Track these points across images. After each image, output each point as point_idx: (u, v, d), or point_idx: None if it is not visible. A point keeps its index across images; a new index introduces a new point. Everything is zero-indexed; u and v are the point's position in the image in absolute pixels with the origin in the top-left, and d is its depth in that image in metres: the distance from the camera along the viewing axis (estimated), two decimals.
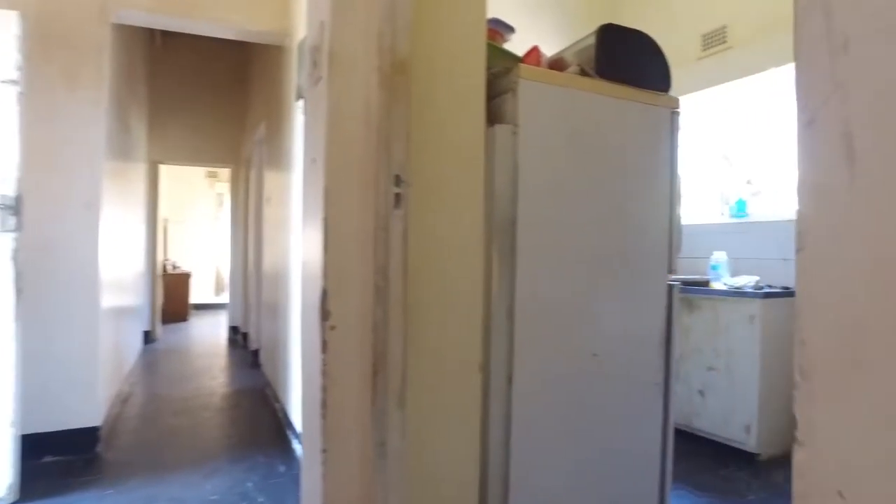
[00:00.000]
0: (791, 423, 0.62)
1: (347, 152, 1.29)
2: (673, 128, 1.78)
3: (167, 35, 6.21)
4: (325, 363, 1.27)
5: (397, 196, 1.27)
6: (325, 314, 1.27)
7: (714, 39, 3.82)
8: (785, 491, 2.78)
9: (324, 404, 1.27)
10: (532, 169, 1.56)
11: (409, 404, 1.34)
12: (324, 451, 1.27)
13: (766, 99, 3.63)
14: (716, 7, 3.83)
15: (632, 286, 1.72)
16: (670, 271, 1.76)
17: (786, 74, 3.39)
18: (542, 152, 1.58)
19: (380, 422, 1.28)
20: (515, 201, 1.53)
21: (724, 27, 3.76)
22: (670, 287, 1.77)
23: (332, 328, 1.27)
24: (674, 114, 1.78)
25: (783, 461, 3.03)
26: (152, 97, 6.41)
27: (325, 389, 1.27)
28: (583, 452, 1.65)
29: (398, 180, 1.27)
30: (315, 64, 1.39)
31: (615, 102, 1.69)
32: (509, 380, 1.53)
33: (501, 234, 1.53)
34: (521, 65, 1.57)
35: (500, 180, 1.53)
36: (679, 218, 1.81)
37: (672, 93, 1.79)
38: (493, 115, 1.59)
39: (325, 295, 1.27)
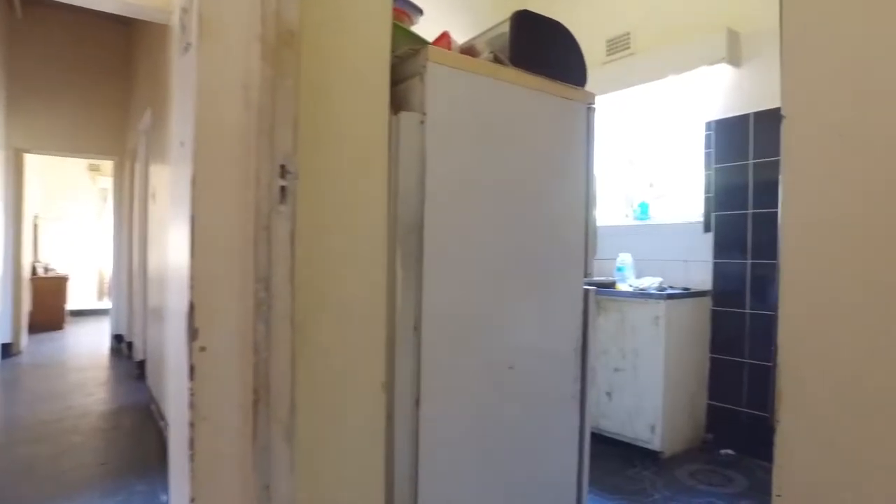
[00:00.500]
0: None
1: (222, 135, 1.07)
2: (589, 124, 1.70)
3: (29, 4, 5.48)
4: (192, 393, 1.04)
5: (283, 190, 1.06)
6: (192, 333, 1.04)
7: (618, 45, 3.88)
8: (686, 487, 2.84)
9: (191, 444, 1.04)
10: (441, 164, 1.40)
11: (300, 437, 1.14)
12: (192, 500, 1.04)
13: (667, 105, 3.72)
14: (620, 13, 3.89)
15: (547, 292, 1.61)
16: (587, 275, 1.67)
17: (685, 82, 3.49)
18: (453, 145, 1.43)
19: (263, 461, 1.06)
20: (422, 200, 1.37)
21: (627, 33, 3.83)
22: (586, 292, 1.68)
23: (202, 350, 1.05)
24: (590, 109, 1.70)
25: (684, 458, 3.10)
26: (12, 76, 5.63)
27: (192, 426, 1.04)
28: (498, 474, 1.52)
29: (284, 171, 1.07)
30: (184, 28, 1.15)
31: (531, 94, 1.57)
32: (417, 401, 1.36)
33: (407, 238, 1.36)
34: (431, 46, 1.41)
35: (406, 176, 1.36)
36: (595, 220, 1.73)
37: None
38: (398, 102, 1.42)
39: (192, 309, 1.04)
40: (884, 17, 1.00)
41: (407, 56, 1.45)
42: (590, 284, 3.46)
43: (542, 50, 1.61)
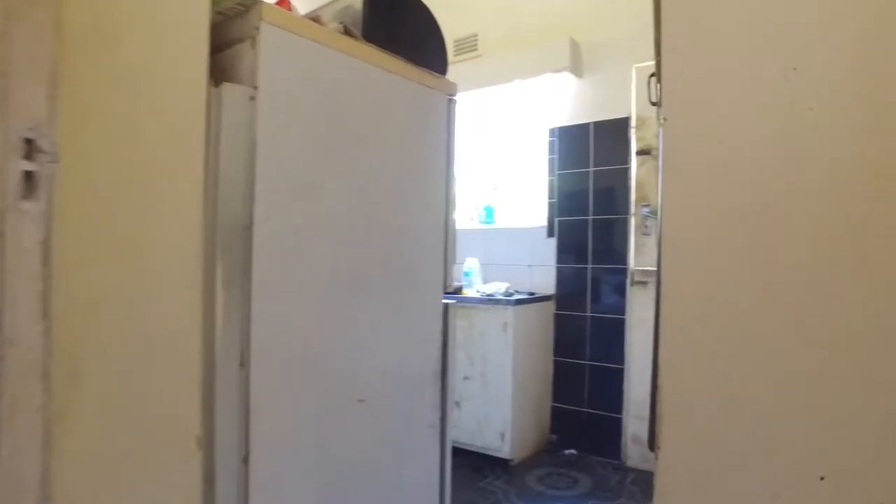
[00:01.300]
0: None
1: None
2: (450, 117, 1.52)
3: None
4: None
5: (29, 177, 0.70)
6: None
7: (466, 45, 3.82)
8: (536, 493, 2.82)
9: None
10: (276, 151, 1.11)
11: None
12: None
13: (514, 109, 3.74)
14: (469, 14, 3.83)
15: (403, 309, 1.39)
16: (446, 287, 1.48)
17: (531, 88, 3.52)
18: (292, 129, 1.15)
19: None
20: (251, 196, 1.07)
21: (475, 35, 3.78)
22: (446, 307, 1.49)
23: None
24: (451, 101, 1.52)
25: (532, 462, 3.10)
26: None
27: None
28: None
29: (31, 148, 0.70)
30: None
31: (386, 77, 1.34)
32: (245, 458, 1.05)
33: (230, 245, 1.05)
34: (266, 3, 1.11)
35: (230, 165, 1.05)
36: (454, 223, 1.55)
37: None
38: (221, 72, 1.10)
39: None
40: (758, 27, 0.95)
41: (234, 13, 1.13)
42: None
43: (400, 29, 1.39)
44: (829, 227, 0.88)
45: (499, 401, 3.04)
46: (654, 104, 1.73)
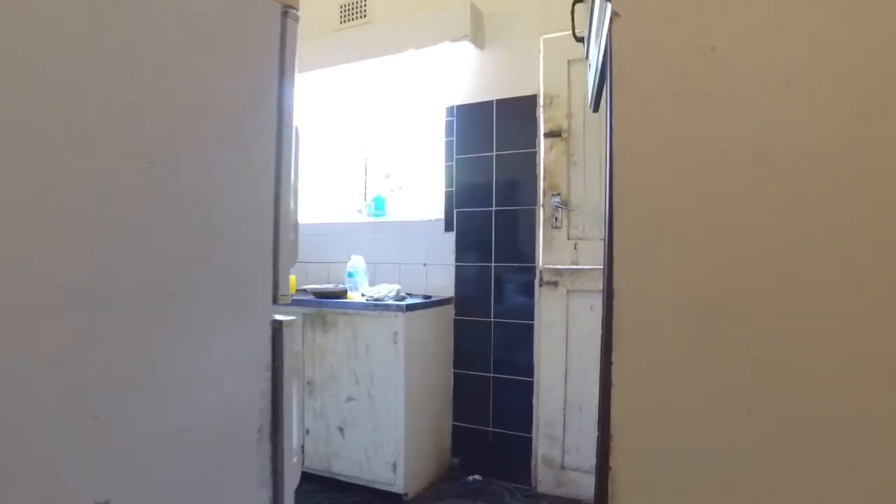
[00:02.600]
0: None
1: None
2: (285, 41, 1.00)
3: None
4: None
5: None
6: None
7: (353, 10, 3.29)
8: None
9: None
10: None
11: None
12: None
13: (407, 86, 3.26)
14: None
15: (196, 342, 0.85)
16: (277, 300, 0.96)
17: (426, 60, 3.06)
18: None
19: None
20: None
21: None
22: (279, 328, 0.97)
23: None
24: (287, 14, 1.00)
25: (432, 495, 2.63)
26: None
27: None
28: None
29: None
30: None
31: None
32: None
33: None
34: None
35: None
36: (294, 212, 1.03)
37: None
38: None
39: None
40: None
41: None
42: (319, 294, 2.80)
43: None
44: None
45: (389, 425, 2.55)
46: (578, 40, 1.32)
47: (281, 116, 0.97)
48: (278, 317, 0.97)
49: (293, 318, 0.99)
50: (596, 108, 1.28)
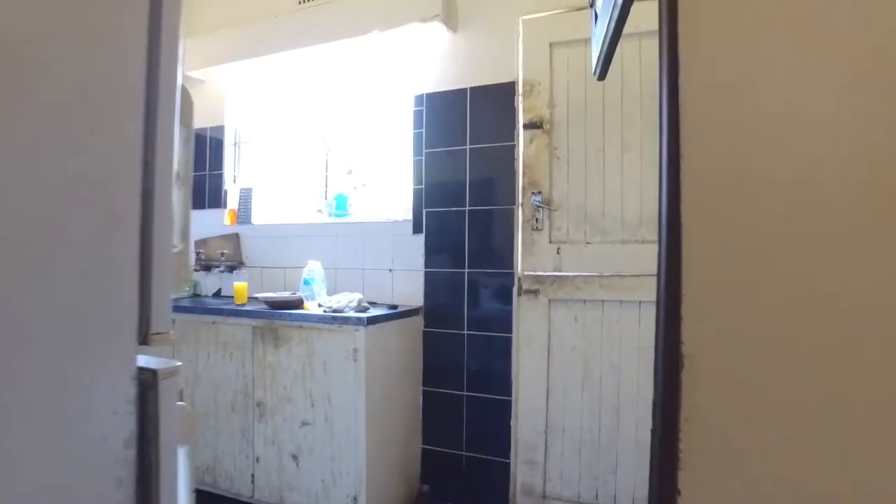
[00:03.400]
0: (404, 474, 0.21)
1: None
2: None
3: None
4: None
5: None
6: None
7: None
8: None
9: None
10: None
11: None
12: None
13: (373, 73, 2.96)
14: None
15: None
16: (148, 340, 0.65)
17: (393, 44, 2.76)
18: None
19: None
20: None
21: None
22: (151, 378, 0.66)
23: None
24: None
25: None
26: None
27: None
28: None
29: None
30: None
31: None
32: None
33: None
34: None
35: None
36: (183, 213, 0.73)
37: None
38: None
39: None
40: None
41: None
42: (272, 304, 2.48)
43: None
44: None
45: (349, 452, 2.25)
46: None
47: (152, 73, 0.67)
48: (149, 364, 0.66)
49: (176, 364, 0.68)
50: (603, 76, 1.00)
